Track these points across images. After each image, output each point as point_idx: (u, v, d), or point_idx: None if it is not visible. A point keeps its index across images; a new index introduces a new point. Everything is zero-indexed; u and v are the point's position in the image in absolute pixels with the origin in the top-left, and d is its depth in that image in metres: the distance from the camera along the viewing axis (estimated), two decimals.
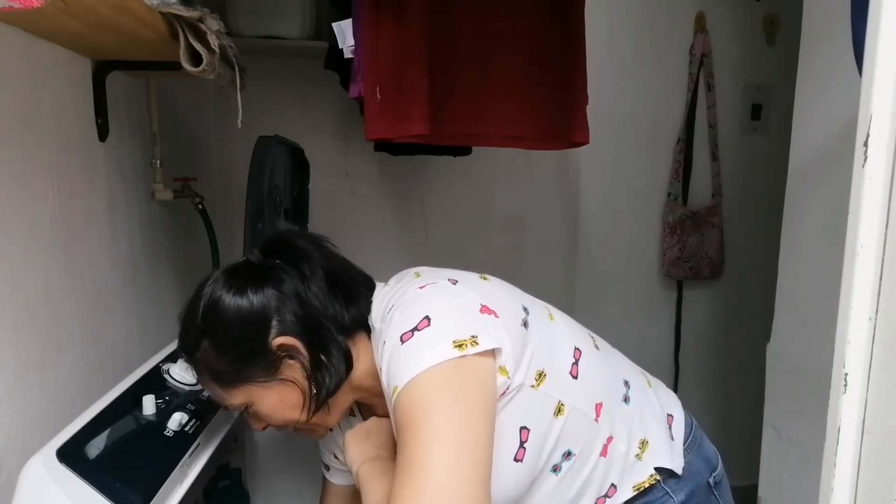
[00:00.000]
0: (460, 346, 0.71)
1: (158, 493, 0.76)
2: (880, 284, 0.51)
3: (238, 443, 1.32)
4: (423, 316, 0.73)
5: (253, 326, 0.79)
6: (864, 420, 0.53)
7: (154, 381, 0.95)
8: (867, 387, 0.52)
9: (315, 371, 0.81)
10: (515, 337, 0.77)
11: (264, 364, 0.80)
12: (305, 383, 0.81)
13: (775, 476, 1.56)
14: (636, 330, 2.27)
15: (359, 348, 0.85)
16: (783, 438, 1.52)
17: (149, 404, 0.88)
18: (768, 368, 1.57)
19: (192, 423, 0.88)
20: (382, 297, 0.84)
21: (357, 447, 0.87)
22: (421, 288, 0.79)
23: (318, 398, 0.82)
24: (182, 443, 0.86)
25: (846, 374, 0.52)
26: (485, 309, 0.77)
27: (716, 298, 2.33)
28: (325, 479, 1.07)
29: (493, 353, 0.74)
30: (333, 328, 0.82)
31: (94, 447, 0.77)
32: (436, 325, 0.73)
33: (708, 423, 0.99)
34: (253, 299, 0.80)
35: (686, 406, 0.99)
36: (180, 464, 0.83)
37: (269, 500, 1.96)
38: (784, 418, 1.52)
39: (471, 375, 0.71)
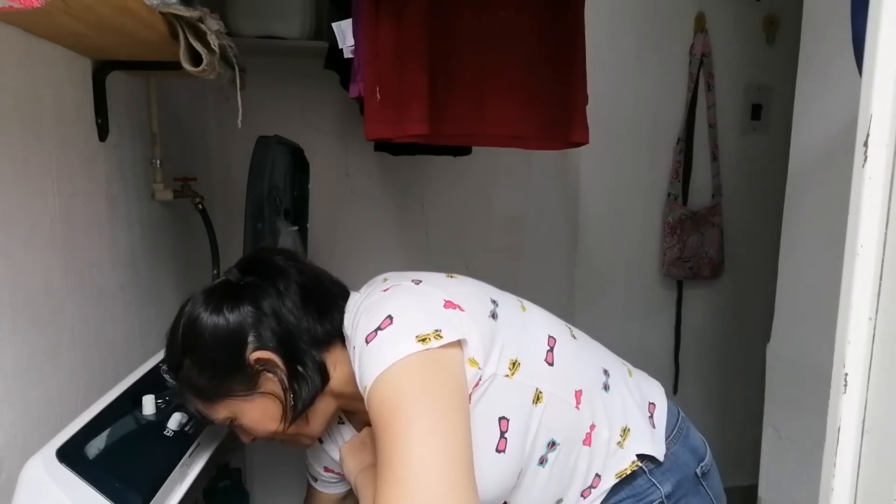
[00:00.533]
0: (423, 339, 0.72)
1: (158, 493, 0.76)
2: (880, 284, 0.51)
3: (238, 443, 1.32)
4: (386, 315, 0.75)
5: (230, 343, 0.82)
6: (864, 420, 0.53)
7: (154, 381, 0.95)
8: (867, 387, 0.52)
9: (292, 383, 0.83)
10: (483, 328, 0.78)
11: (243, 378, 0.82)
12: (283, 395, 0.83)
13: (775, 476, 1.56)
14: (636, 330, 2.27)
15: (335, 358, 0.86)
16: (783, 438, 1.52)
17: (149, 404, 0.88)
18: (768, 368, 1.57)
19: (192, 423, 0.88)
20: (353, 304, 0.86)
21: (353, 458, 0.89)
22: (385, 291, 0.81)
23: (296, 409, 0.84)
24: (182, 443, 0.86)
25: (846, 374, 0.52)
26: (449, 304, 0.78)
27: (716, 298, 2.33)
28: (311, 487, 1.08)
29: (459, 344, 0.75)
30: (308, 341, 0.84)
31: (94, 447, 0.77)
32: (398, 323, 0.74)
33: (708, 423, 0.99)
34: (229, 317, 0.82)
35: (686, 406, 1.00)
36: (180, 464, 0.83)
37: (269, 500, 1.96)
38: (784, 418, 1.52)
39: (436, 366, 0.72)
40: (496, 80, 1.32)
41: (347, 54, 1.28)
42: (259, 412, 0.84)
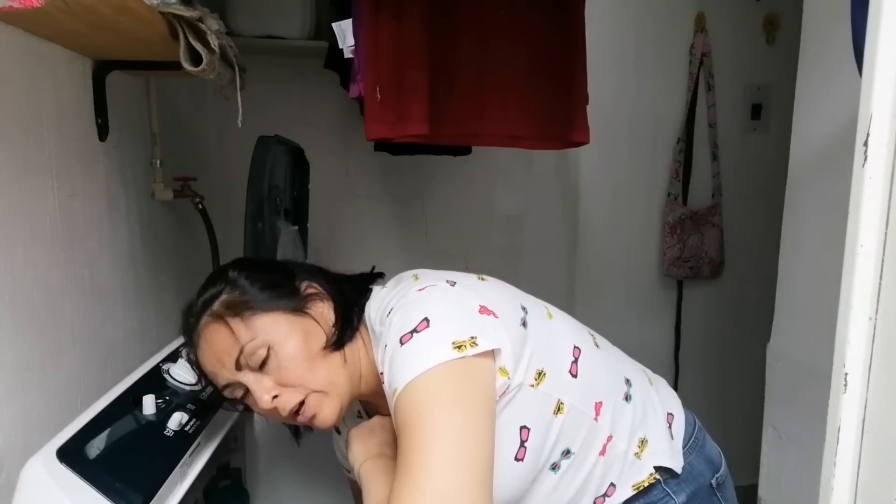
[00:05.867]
0: (459, 347, 0.71)
1: (158, 493, 0.76)
2: (880, 284, 0.51)
3: (238, 443, 1.32)
4: (423, 317, 0.73)
5: (282, 268, 0.89)
6: (864, 420, 0.53)
7: (154, 381, 0.95)
8: (867, 387, 0.52)
9: (338, 311, 0.85)
10: (515, 337, 0.77)
11: (292, 298, 0.84)
12: (329, 323, 0.84)
13: (775, 476, 1.56)
14: (636, 330, 2.27)
15: (363, 340, 0.86)
16: (783, 438, 1.52)
17: (149, 404, 0.88)
18: (768, 368, 1.57)
19: (192, 423, 0.88)
20: (381, 299, 0.84)
21: (360, 444, 0.87)
22: (420, 290, 0.79)
23: (340, 337, 0.84)
24: (182, 443, 0.86)
25: (846, 374, 0.52)
26: (484, 309, 0.77)
27: (716, 298, 2.33)
28: (350, 478, 1.05)
29: (492, 353, 0.74)
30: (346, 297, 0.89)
31: (94, 447, 0.77)
32: (435, 327, 0.73)
33: (708, 423, 0.99)
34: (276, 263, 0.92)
35: (686, 406, 0.99)
36: (180, 464, 0.83)
37: (269, 500, 1.96)
38: (784, 418, 1.52)
39: (470, 377, 0.71)
40: (496, 79, 1.32)
41: (347, 54, 1.28)
42: (301, 337, 0.81)
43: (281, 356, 0.80)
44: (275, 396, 0.80)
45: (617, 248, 2.23)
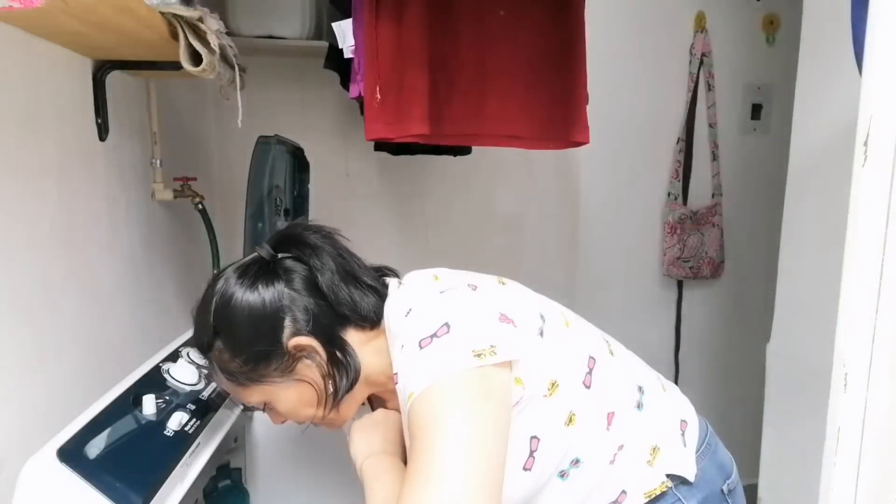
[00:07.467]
0: (479, 355, 0.70)
1: (158, 493, 0.76)
2: (880, 284, 0.51)
3: (238, 443, 1.32)
4: (443, 322, 0.73)
5: (266, 326, 0.80)
6: (864, 420, 0.53)
7: (154, 381, 0.95)
8: (867, 386, 0.52)
9: (332, 369, 0.82)
10: (532, 347, 0.77)
11: (279, 364, 0.81)
12: (321, 382, 0.82)
13: (775, 476, 1.56)
14: (636, 330, 2.25)
15: (371, 345, 0.85)
16: (783, 438, 1.52)
17: (149, 404, 0.88)
18: (768, 368, 1.57)
19: (192, 423, 0.88)
20: (400, 298, 0.84)
21: (363, 439, 0.86)
22: (441, 293, 0.79)
23: (335, 396, 0.83)
24: (182, 443, 0.86)
25: (846, 374, 0.52)
26: (504, 318, 0.76)
27: (716, 298, 2.33)
28: None
29: (509, 363, 0.73)
30: (345, 325, 0.83)
31: (94, 447, 0.77)
32: (455, 333, 0.72)
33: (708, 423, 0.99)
34: (265, 296, 0.80)
35: None
36: (180, 464, 0.83)
37: (269, 500, 1.96)
38: (784, 418, 1.52)
39: (487, 386, 0.71)
40: (496, 79, 1.32)
41: (347, 54, 1.28)
42: (295, 398, 0.83)
43: (279, 411, 0.86)
44: (283, 421, 0.88)
45: (617, 248, 2.23)
